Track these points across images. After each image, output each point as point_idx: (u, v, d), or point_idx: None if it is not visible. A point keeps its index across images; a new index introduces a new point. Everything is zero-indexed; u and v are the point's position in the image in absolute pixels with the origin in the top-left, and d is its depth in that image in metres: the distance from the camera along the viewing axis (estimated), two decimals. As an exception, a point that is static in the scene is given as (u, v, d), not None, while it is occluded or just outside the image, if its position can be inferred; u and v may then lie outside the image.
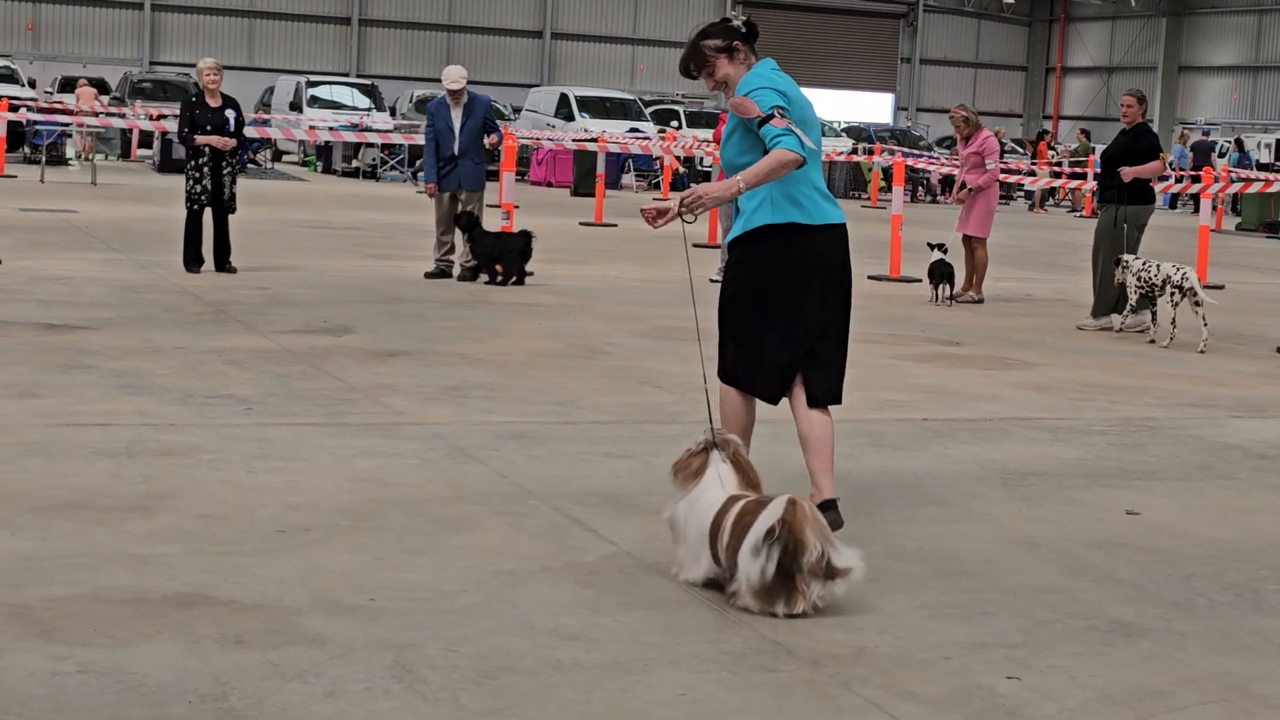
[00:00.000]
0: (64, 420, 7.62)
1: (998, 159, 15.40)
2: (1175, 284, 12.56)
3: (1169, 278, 12.60)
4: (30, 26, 52.43)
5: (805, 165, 6.02)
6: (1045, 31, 66.71)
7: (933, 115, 62.83)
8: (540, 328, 11.71)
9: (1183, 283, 12.52)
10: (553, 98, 41.09)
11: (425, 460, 7.13)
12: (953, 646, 4.89)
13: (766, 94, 6.05)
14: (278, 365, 9.48)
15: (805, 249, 6.14)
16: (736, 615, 5.08)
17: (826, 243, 6.19)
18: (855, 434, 8.23)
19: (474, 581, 5.32)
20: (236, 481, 6.56)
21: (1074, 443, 8.32)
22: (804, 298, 6.14)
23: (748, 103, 6.05)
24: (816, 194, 6.21)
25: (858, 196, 37.34)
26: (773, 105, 6.00)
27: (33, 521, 5.79)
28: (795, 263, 6.13)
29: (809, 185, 6.17)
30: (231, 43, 53.93)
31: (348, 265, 15.72)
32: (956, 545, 6.11)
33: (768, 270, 6.15)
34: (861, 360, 10.89)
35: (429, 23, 56.66)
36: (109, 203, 22.81)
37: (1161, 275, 12.68)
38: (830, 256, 6.21)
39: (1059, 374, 10.73)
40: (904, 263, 17.09)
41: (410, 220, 21.89)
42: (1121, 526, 6.55)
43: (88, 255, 15.34)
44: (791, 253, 6.13)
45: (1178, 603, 5.49)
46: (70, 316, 11.09)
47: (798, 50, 63.04)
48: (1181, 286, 12.52)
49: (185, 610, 4.86)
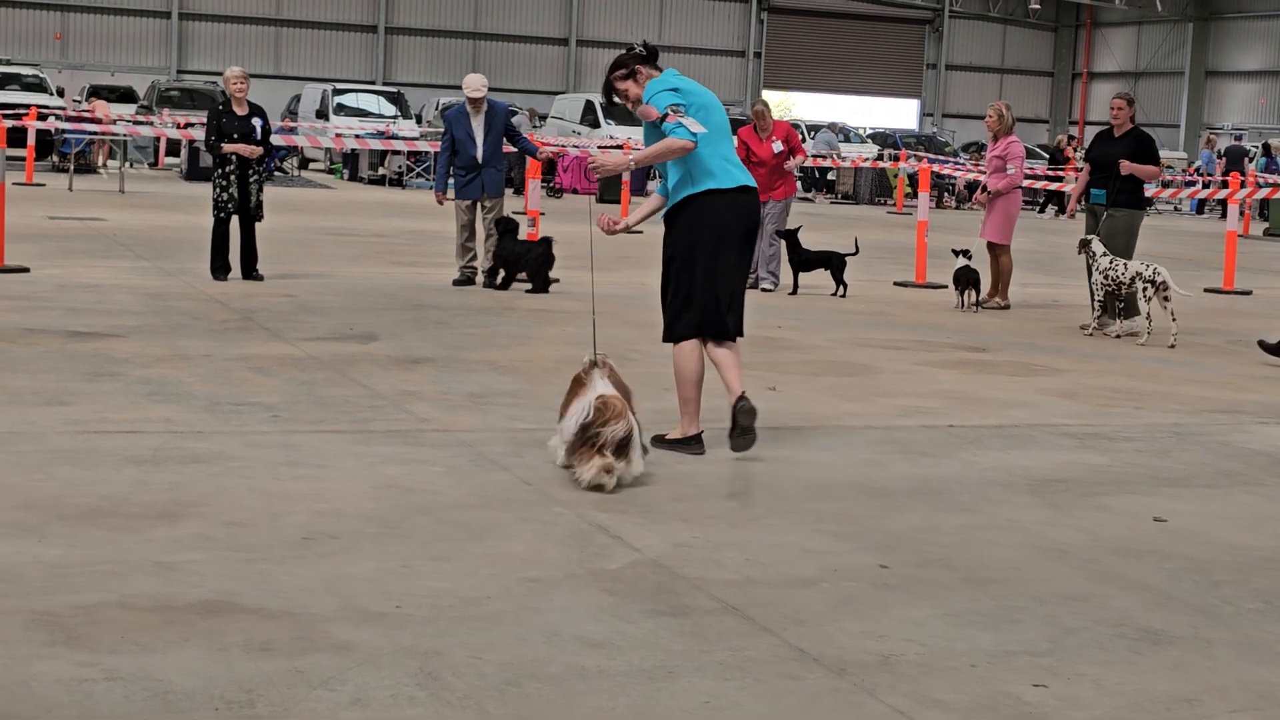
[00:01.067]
0: (91, 428, 7.65)
1: (1020, 165, 15.36)
2: (1147, 279, 12.57)
3: (1139, 274, 12.61)
4: (59, 36, 52.70)
5: (715, 141, 7.49)
6: (1071, 37, 66.50)
7: (958, 121, 62.75)
8: (565, 334, 11.72)
9: (1154, 277, 12.55)
10: (578, 104, 41.12)
11: (451, 467, 7.13)
12: (979, 654, 4.87)
13: (662, 97, 7.46)
14: (304, 372, 9.51)
15: (724, 208, 7.53)
16: (762, 623, 5.07)
17: (739, 202, 7.60)
18: (881, 440, 8.22)
19: (499, 588, 5.32)
20: (263, 489, 6.57)
21: (1101, 449, 8.29)
22: (726, 250, 7.54)
23: (649, 109, 7.47)
24: (727, 164, 7.60)
25: (883, 203, 37.32)
26: (667, 105, 7.42)
27: (60, 529, 5.81)
28: (717, 220, 7.52)
29: (720, 158, 7.57)
30: (258, 51, 54.12)
31: (373, 272, 15.75)
32: (983, 552, 6.09)
33: (697, 232, 7.50)
34: (887, 366, 10.89)
35: (455, 30, 56.76)
36: (137, 211, 22.90)
37: (1130, 273, 12.68)
38: (746, 213, 7.65)
39: (1086, 380, 10.69)
40: (929, 269, 17.05)
41: (436, 227, 21.93)
42: (1149, 533, 6.53)
43: (115, 263, 15.40)
44: (713, 211, 7.52)
45: (1206, 610, 5.46)
46: (98, 324, 11.13)
47: (823, 57, 63.07)
48: (1154, 281, 12.55)
49: (212, 617, 4.87)
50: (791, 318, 13.49)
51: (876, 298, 15.61)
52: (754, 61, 61.02)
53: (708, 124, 7.48)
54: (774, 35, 61.71)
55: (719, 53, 60.66)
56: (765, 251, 15.90)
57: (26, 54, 50.91)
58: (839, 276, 15.44)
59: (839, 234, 23.57)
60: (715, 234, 7.51)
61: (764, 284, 15.80)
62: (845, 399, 9.49)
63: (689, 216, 7.53)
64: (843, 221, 29.20)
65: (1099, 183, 13.80)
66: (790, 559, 5.86)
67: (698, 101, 7.47)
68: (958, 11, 64.14)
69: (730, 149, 7.64)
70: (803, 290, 15.44)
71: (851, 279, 15.66)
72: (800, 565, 5.79)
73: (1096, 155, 13.97)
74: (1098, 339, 13.05)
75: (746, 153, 16.06)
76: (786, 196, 16.12)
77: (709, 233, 7.50)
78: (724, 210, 7.52)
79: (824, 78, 63.47)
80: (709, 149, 7.47)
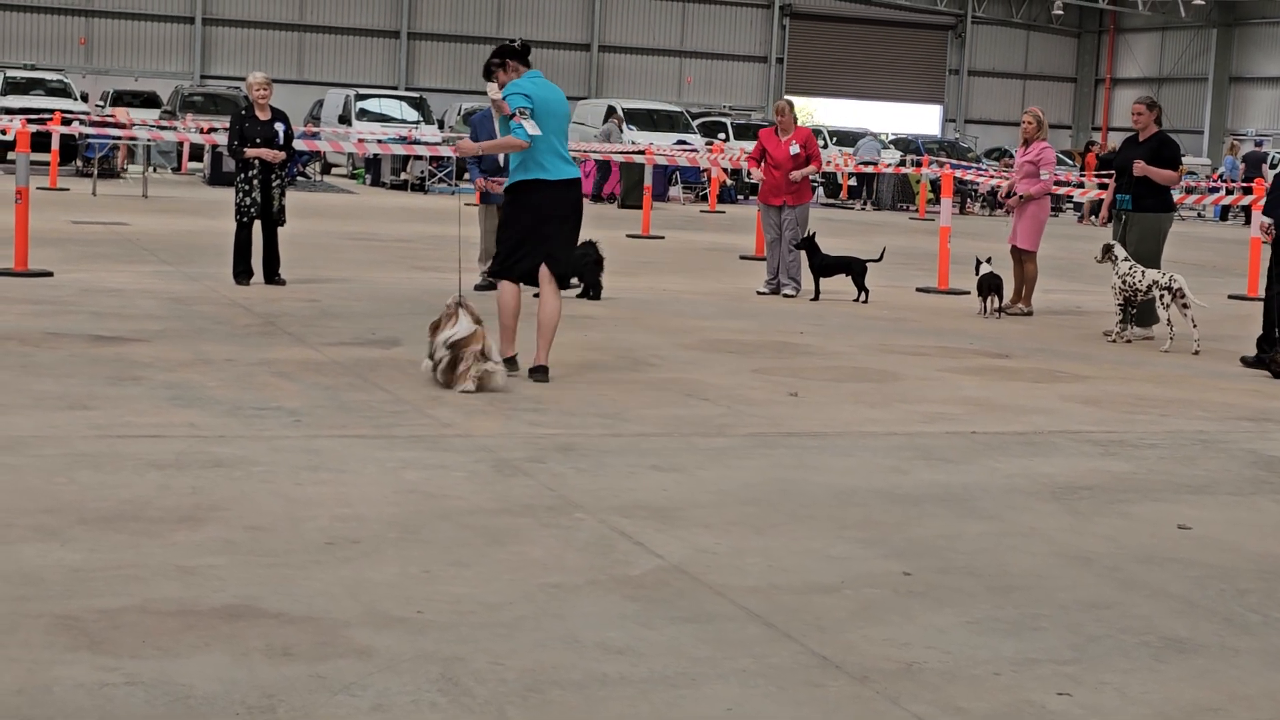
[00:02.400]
0: (114, 432, 7.66)
1: (1052, 171, 15.30)
2: (1163, 286, 12.57)
3: (1155, 281, 12.61)
4: (83, 41, 52.92)
5: (550, 139, 9.46)
6: (1094, 42, 66.36)
7: (981, 126, 62.65)
8: (587, 340, 11.71)
9: (1170, 284, 12.54)
10: (600, 110, 41.16)
11: (472, 472, 7.13)
12: (1003, 662, 4.85)
13: (515, 98, 9.44)
14: (326, 377, 9.52)
15: (545, 196, 9.55)
16: (784, 629, 5.05)
17: (562, 191, 9.61)
18: (904, 447, 8.19)
19: (521, 594, 5.32)
20: (285, 493, 6.58)
21: (1125, 456, 8.25)
22: (547, 225, 9.58)
23: (503, 103, 9.47)
24: (558, 159, 9.57)
25: (905, 209, 37.25)
26: (517, 106, 9.38)
27: (83, 532, 5.82)
28: (540, 205, 9.56)
29: (553, 153, 9.54)
30: (281, 56, 54.29)
31: (396, 277, 15.78)
32: (1006, 559, 6.07)
33: (525, 209, 9.59)
34: (910, 373, 10.86)
35: (477, 35, 56.87)
36: (160, 215, 22.97)
37: (1147, 280, 12.68)
38: (564, 201, 9.64)
39: (1109, 387, 10.65)
40: (952, 275, 17.01)
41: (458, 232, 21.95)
42: (1173, 541, 6.49)
43: (139, 267, 15.45)
44: (539, 197, 9.54)
45: (1231, 619, 5.43)
46: (121, 328, 11.16)
47: (846, 63, 63.04)
48: (1170, 288, 12.54)
49: (233, 622, 4.88)
50: (813, 323, 13.47)
51: (899, 303, 15.58)
52: (776, 67, 60.98)
53: (546, 126, 9.42)
54: (796, 41, 61.68)
55: (741, 58, 60.66)
56: (785, 257, 15.88)
57: (51, 59, 51.16)
58: (860, 282, 15.40)
59: (863, 240, 23.54)
60: (534, 215, 9.58)
61: (785, 289, 15.78)
62: (868, 405, 9.47)
63: (518, 196, 9.63)
64: (865, 227, 29.16)
65: (1123, 187, 13.78)
66: (813, 566, 5.85)
67: (543, 108, 9.47)
68: (980, 17, 64.06)
69: (563, 144, 9.66)
70: (824, 296, 15.41)
71: (873, 284, 15.63)
72: (823, 572, 5.77)
73: (1120, 160, 13.96)
74: (1121, 345, 13.01)
75: (762, 154, 16.08)
76: (802, 203, 16.09)
77: (529, 213, 9.58)
78: (545, 198, 9.56)
79: (846, 83, 63.45)
80: (544, 145, 9.47)
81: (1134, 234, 13.58)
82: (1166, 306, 12.62)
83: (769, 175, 16.02)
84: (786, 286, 15.81)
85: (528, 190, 9.55)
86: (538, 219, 9.54)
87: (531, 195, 9.54)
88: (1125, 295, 12.96)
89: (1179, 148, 14.14)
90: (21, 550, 5.57)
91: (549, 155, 9.51)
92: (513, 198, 9.69)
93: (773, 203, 16.04)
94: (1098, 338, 13.45)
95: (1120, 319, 13.22)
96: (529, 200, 9.55)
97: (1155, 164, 13.56)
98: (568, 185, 9.66)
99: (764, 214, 16.35)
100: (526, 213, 9.57)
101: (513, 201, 9.69)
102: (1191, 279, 13.23)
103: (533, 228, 9.56)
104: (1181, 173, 14.08)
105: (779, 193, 15.97)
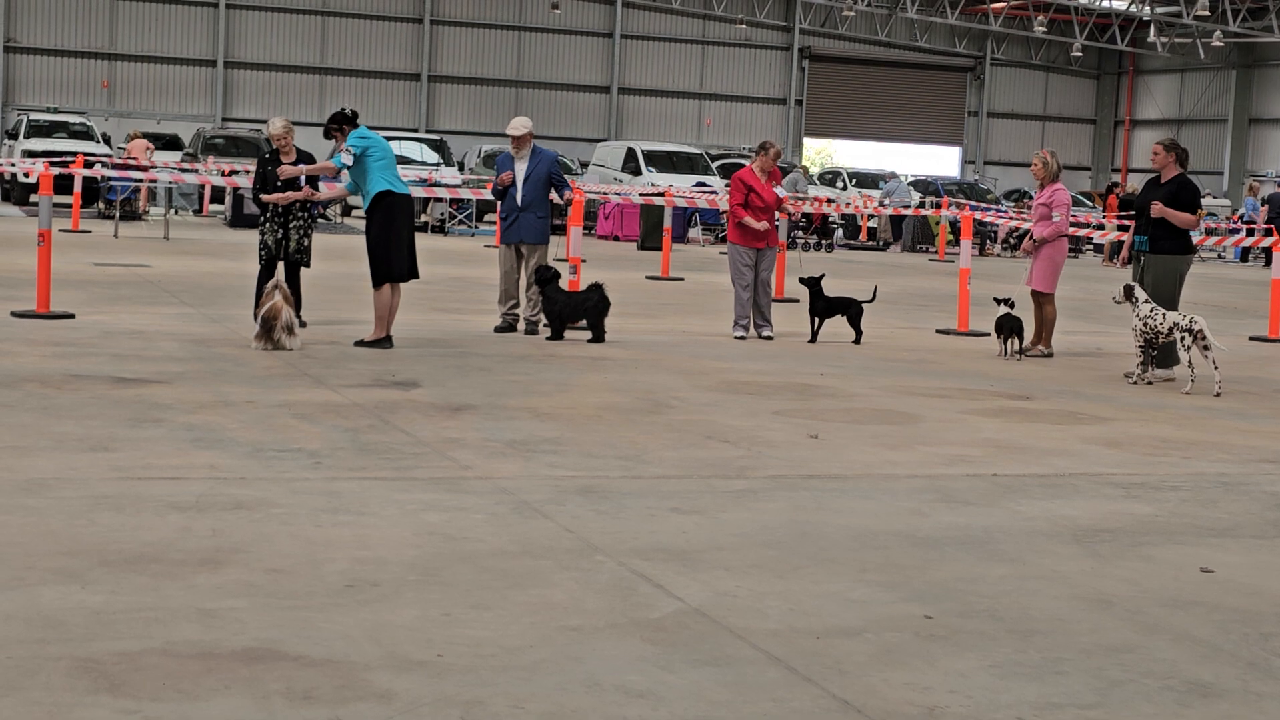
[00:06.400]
0: (135, 474, 7.68)
1: (1066, 213, 15.27)
2: (1184, 328, 12.57)
3: (1177, 324, 12.61)
4: (106, 84, 53.28)
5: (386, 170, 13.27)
6: (1114, 84, 66.43)
7: (1000, 168, 62.68)
8: (607, 381, 11.72)
9: (1191, 326, 12.53)
10: (620, 152, 41.27)
11: (492, 515, 7.13)
12: (1025, 706, 4.83)
13: (352, 141, 13.14)
14: (346, 419, 9.53)
15: (393, 203, 13.25)
16: (805, 673, 5.03)
17: (401, 201, 13.32)
18: (924, 489, 8.17)
19: (541, 637, 5.31)
20: (305, 535, 6.58)
21: (1147, 499, 8.22)
22: (400, 230, 13.27)
23: (346, 148, 13.13)
24: (396, 180, 13.34)
25: (925, 250, 37.24)
26: (347, 146, 13.12)
27: (103, 575, 5.83)
28: (393, 213, 13.25)
29: (394, 176, 13.33)
30: (303, 99, 54.59)
31: (415, 319, 15.79)
32: (1028, 603, 6.04)
33: (380, 216, 13.24)
34: (930, 415, 10.84)
35: (497, 78, 57.14)
36: (181, 257, 23.07)
37: (1168, 323, 12.69)
38: (404, 207, 13.35)
39: (1131, 429, 10.62)
40: (972, 317, 17.00)
41: (478, 274, 22.02)
42: (1196, 584, 6.46)
43: (160, 309, 15.51)
44: (389, 206, 13.22)
45: (1255, 663, 5.40)
46: (142, 370, 11.20)
47: (864, 104, 63.18)
48: (1191, 330, 12.53)
49: (254, 665, 4.87)
50: (833, 365, 13.46)
51: (919, 345, 15.56)
52: (795, 109, 61.15)
53: (384, 160, 13.26)
54: (815, 83, 61.85)
55: (760, 100, 60.83)
56: (761, 299, 15.65)
57: (74, 102, 51.52)
58: (855, 324, 15.31)
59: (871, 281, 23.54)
60: (387, 216, 13.22)
61: (764, 331, 15.56)
62: (888, 447, 9.45)
63: (377, 209, 13.22)
64: (879, 270, 29.16)
65: (1141, 229, 13.81)
66: (834, 609, 5.83)
67: (377, 151, 13.24)
68: (999, 59, 64.18)
69: (394, 174, 13.40)
70: (823, 339, 15.30)
71: (893, 326, 15.60)
72: (844, 615, 5.75)
73: (1139, 202, 13.99)
74: (1142, 387, 12.98)
75: (745, 197, 15.56)
76: (775, 244, 16.00)
77: (382, 214, 13.21)
78: (393, 205, 13.23)
79: (865, 125, 63.58)
80: (388, 173, 13.26)
81: (1151, 275, 13.58)
82: (1188, 348, 12.61)
83: (758, 219, 15.55)
84: (764, 328, 15.61)
85: (384, 203, 13.18)
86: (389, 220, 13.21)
87: (386, 205, 13.19)
88: (1146, 337, 12.94)
89: (1199, 191, 14.14)
90: (42, 593, 5.57)
91: (390, 177, 13.30)
92: (371, 214, 13.25)
93: (756, 245, 15.64)
94: (1119, 379, 13.42)
95: (1141, 360, 13.19)
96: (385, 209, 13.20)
97: (1173, 206, 13.57)
98: (405, 197, 13.39)
99: (737, 256, 15.63)
100: (380, 217, 13.21)
101: (371, 217, 13.28)
102: (1212, 320, 13.22)
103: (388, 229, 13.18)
104: (1200, 216, 14.08)
105: (764, 235, 15.75)
